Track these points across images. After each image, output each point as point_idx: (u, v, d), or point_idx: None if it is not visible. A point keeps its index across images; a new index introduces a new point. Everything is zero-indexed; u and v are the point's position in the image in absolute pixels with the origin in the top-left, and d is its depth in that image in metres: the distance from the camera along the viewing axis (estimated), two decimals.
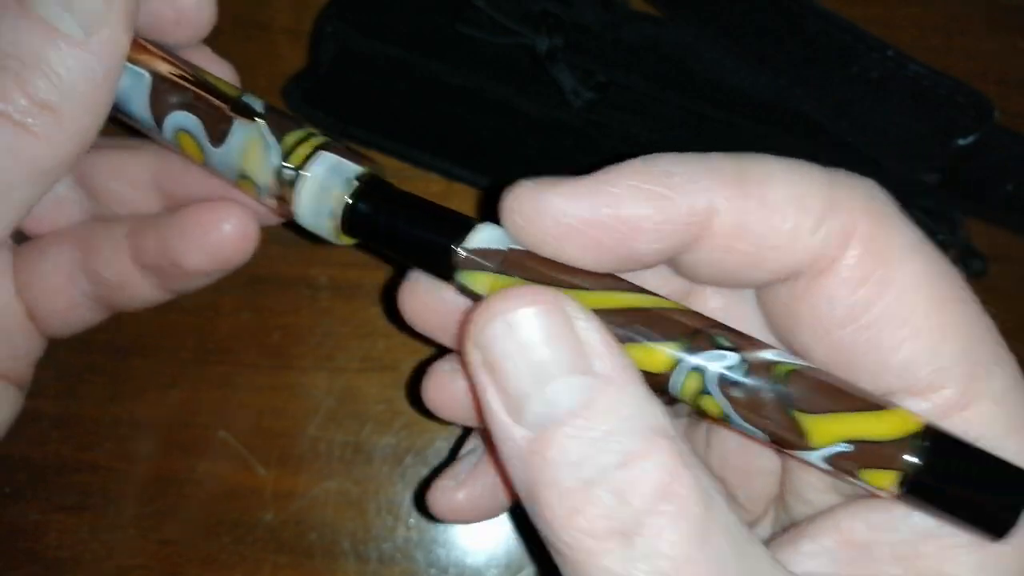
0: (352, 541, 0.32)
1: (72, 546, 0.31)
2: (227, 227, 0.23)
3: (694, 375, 0.19)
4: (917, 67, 0.33)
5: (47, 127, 0.19)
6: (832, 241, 0.19)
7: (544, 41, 0.32)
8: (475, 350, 0.18)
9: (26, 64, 0.19)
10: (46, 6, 0.19)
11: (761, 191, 0.19)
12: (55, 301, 0.25)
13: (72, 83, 0.20)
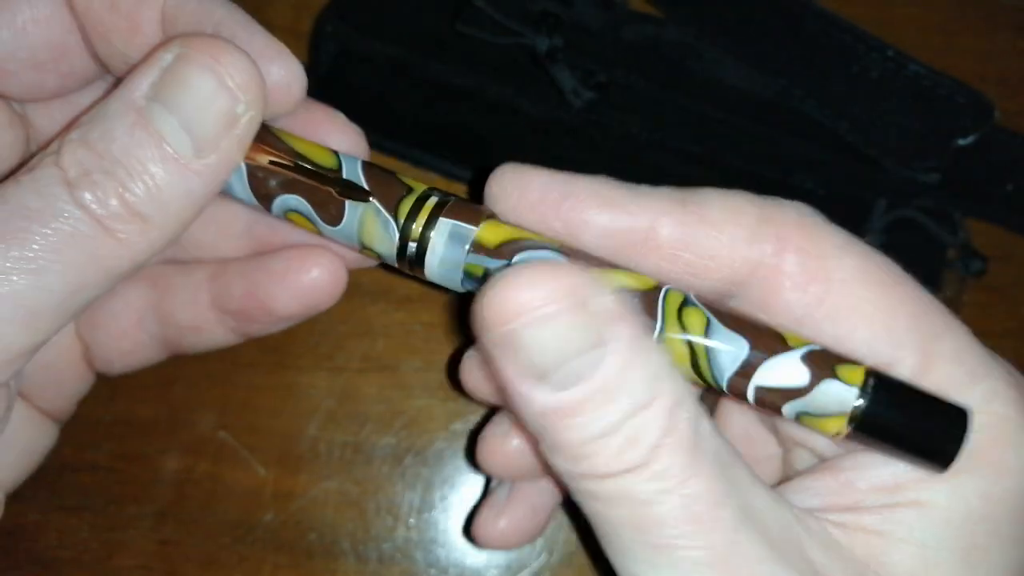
0: (352, 541, 0.32)
1: (72, 546, 0.32)
2: (317, 272, 0.23)
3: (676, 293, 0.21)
4: (917, 67, 0.33)
5: (132, 235, 0.19)
6: (768, 250, 0.21)
7: (544, 41, 0.32)
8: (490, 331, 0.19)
9: (131, 173, 0.19)
10: (166, 122, 0.19)
11: (700, 209, 0.22)
12: (121, 342, 0.26)
13: (169, 198, 0.19)
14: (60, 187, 0.19)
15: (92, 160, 0.19)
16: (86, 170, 0.19)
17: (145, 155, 0.19)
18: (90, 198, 0.19)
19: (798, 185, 0.33)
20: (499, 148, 0.33)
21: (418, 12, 0.34)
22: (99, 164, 0.19)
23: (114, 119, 0.19)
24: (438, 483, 0.32)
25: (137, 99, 0.19)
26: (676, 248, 0.22)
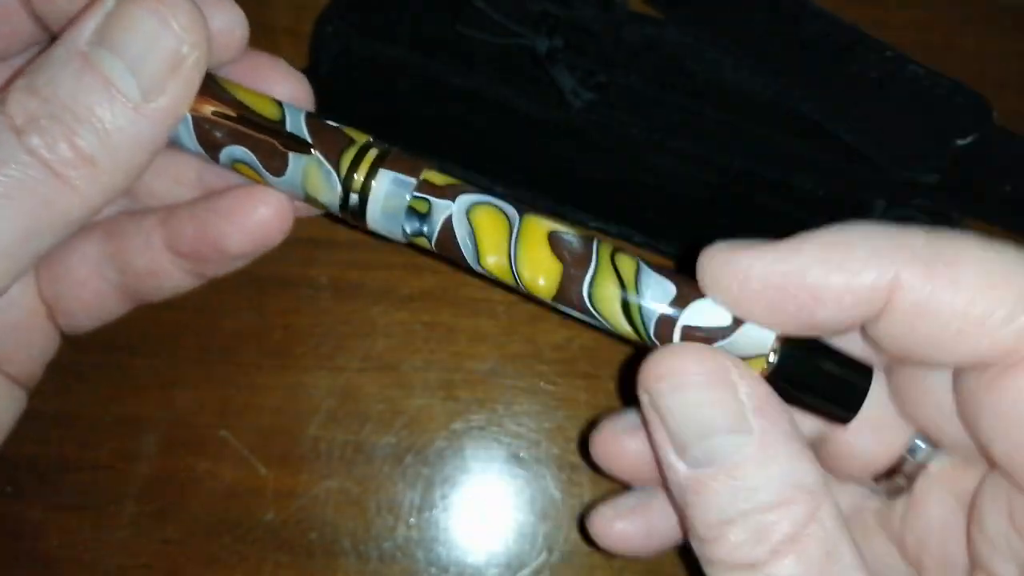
0: (352, 540, 0.32)
1: (73, 545, 0.32)
2: (264, 209, 0.23)
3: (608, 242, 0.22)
4: (916, 68, 0.33)
5: (83, 180, 0.19)
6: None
7: (544, 42, 0.32)
8: (645, 394, 0.21)
9: (79, 117, 0.19)
10: (111, 65, 0.19)
11: (950, 272, 0.19)
12: (81, 293, 0.25)
13: (119, 142, 0.19)
14: (7, 133, 0.19)
15: (39, 106, 0.19)
16: (32, 116, 0.19)
17: (92, 99, 0.19)
18: (38, 143, 0.19)
19: (797, 185, 0.33)
20: (499, 148, 0.33)
21: (418, 13, 0.34)
22: (46, 109, 0.19)
23: (59, 65, 0.19)
24: (438, 482, 0.32)
25: (82, 44, 0.19)
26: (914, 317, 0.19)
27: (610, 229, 0.33)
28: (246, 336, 0.33)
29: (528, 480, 0.32)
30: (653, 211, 0.33)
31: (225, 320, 0.33)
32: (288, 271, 0.33)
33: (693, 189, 0.33)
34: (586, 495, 0.32)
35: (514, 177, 0.33)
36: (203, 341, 0.33)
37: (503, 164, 0.33)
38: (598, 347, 0.33)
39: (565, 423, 0.32)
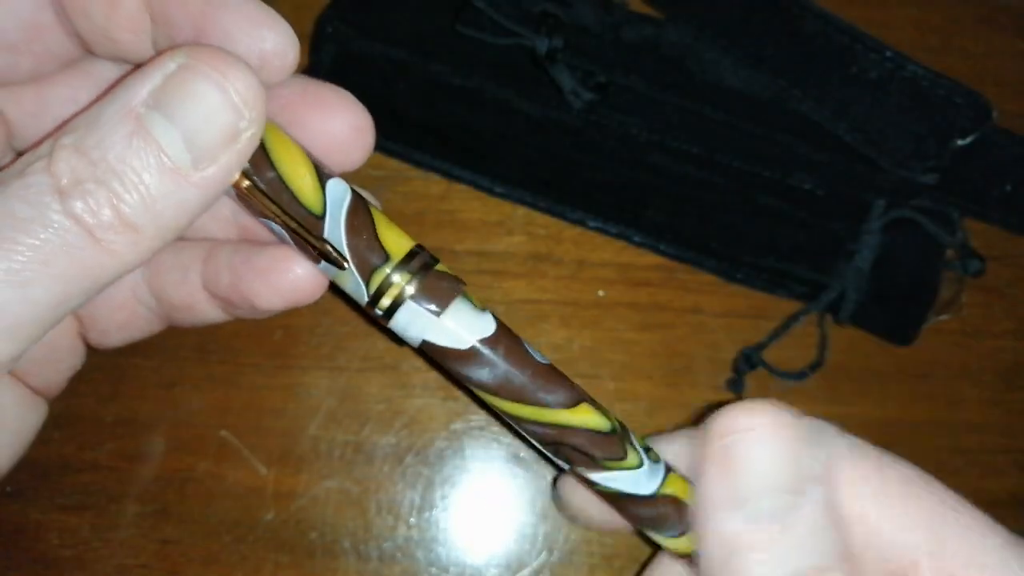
0: (353, 540, 0.32)
1: (74, 545, 0.32)
2: (300, 271, 0.23)
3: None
4: (915, 68, 0.33)
5: (122, 245, 0.19)
6: None
7: (544, 42, 0.32)
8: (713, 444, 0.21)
9: (125, 183, 0.18)
10: (165, 132, 0.19)
11: None
12: (117, 316, 0.25)
13: (163, 209, 0.19)
14: (51, 196, 0.18)
15: (86, 168, 0.18)
16: (79, 178, 0.18)
17: (141, 165, 0.19)
18: (82, 207, 0.18)
19: (797, 185, 0.33)
20: (499, 148, 0.33)
21: (418, 13, 0.34)
22: (92, 173, 0.18)
23: (111, 125, 0.19)
24: (439, 482, 0.32)
25: (136, 106, 0.19)
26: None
27: (609, 229, 0.33)
28: (246, 336, 0.33)
29: (528, 480, 0.32)
30: (653, 211, 0.33)
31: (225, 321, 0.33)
32: None
33: (693, 189, 0.33)
34: None
35: (514, 177, 0.33)
36: (204, 342, 0.33)
37: (503, 164, 0.33)
38: (598, 347, 0.33)
39: None
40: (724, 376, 0.33)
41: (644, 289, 0.34)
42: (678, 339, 0.33)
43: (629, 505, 0.23)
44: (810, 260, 0.33)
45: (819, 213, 0.33)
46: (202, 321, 0.26)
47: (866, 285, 0.33)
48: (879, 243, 0.33)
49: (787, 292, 0.33)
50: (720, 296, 0.34)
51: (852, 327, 0.33)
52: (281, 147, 0.21)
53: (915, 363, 0.33)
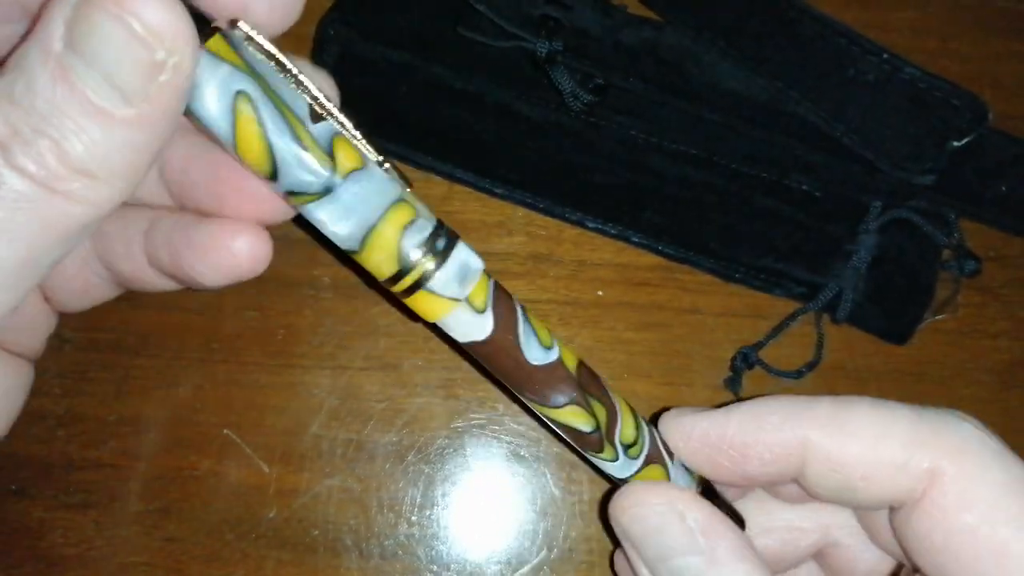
0: (354, 538, 0.32)
1: (77, 544, 0.32)
2: (240, 245, 0.23)
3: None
4: (912, 70, 0.33)
5: (81, 191, 0.18)
6: (918, 477, 0.22)
7: (544, 45, 0.32)
8: (617, 525, 0.25)
9: (62, 129, 0.17)
10: (86, 75, 0.17)
11: (847, 429, 0.23)
12: (71, 283, 0.26)
13: (108, 151, 0.18)
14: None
15: (18, 116, 0.17)
16: (15, 129, 0.17)
17: (71, 109, 0.17)
18: (24, 160, 0.17)
19: (795, 186, 0.33)
20: (499, 150, 0.34)
21: (420, 16, 0.34)
22: (28, 121, 0.17)
23: (35, 68, 0.18)
24: (440, 480, 0.32)
25: (54, 45, 0.18)
26: (827, 466, 0.23)
27: (609, 230, 0.33)
28: (249, 336, 0.33)
29: (528, 478, 0.33)
30: (652, 212, 0.33)
31: (228, 320, 0.33)
32: (290, 271, 0.33)
33: (691, 190, 0.33)
34: (585, 493, 0.32)
35: (514, 179, 0.33)
36: (206, 341, 0.33)
37: (503, 166, 0.33)
38: (597, 347, 0.33)
39: None
40: (722, 375, 0.33)
41: (643, 289, 0.34)
42: (677, 339, 0.34)
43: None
44: (808, 260, 0.33)
45: (817, 214, 0.33)
46: (155, 289, 0.25)
47: (863, 285, 0.33)
48: (876, 243, 0.33)
49: (785, 292, 0.33)
50: (718, 296, 0.34)
51: (849, 327, 0.33)
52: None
53: (911, 363, 0.34)
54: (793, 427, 0.24)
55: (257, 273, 0.24)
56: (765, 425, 0.24)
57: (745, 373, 0.33)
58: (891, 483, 0.23)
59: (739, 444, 0.25)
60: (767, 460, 0.24)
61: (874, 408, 0.23)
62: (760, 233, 0.33)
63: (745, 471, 0.25)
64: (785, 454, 0.24)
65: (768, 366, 0.33)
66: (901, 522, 0.23)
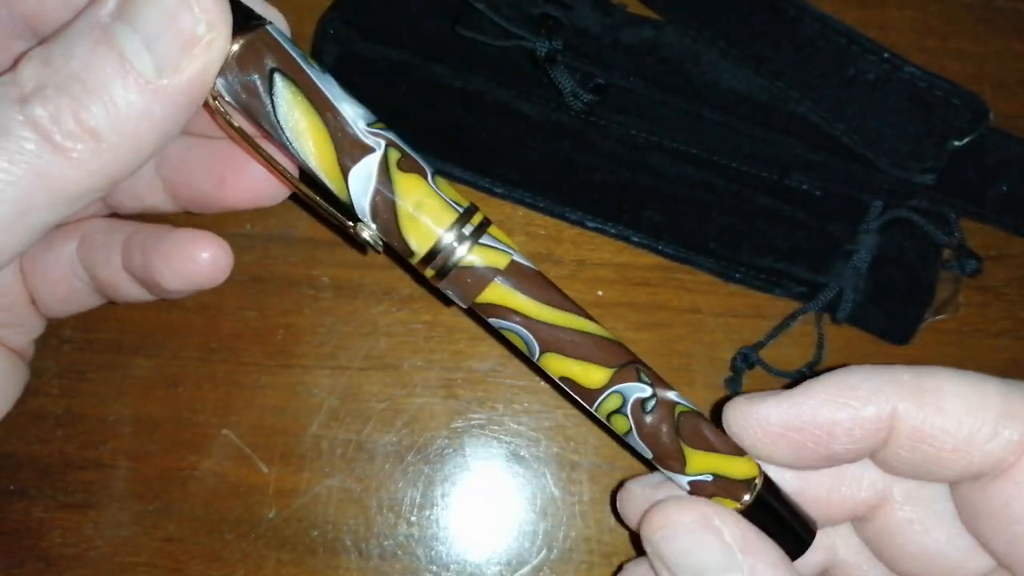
0: (354, 538, 0.32)
1: (76, 543, 0.32)
2: (204, 256, 0.24)
3: (616, 396, 0.24)
4: (913, 69, 0.33)
5: (85, 154, 0.19)
6: (1010, 448, 0.22)
7: (544, 44, 0.32)
8: (648, 546, 0.25)
9: (88, 89, 0.18)
10: (127, 39, 0.19)
11: (936, 401, 0.23)
12: (56, 289, 0.26)
13: (127, 118, 0.19)
14: (11, 102, 0.18)
15: (49, 75, 0.18)
16: (40, 85, 0.18)
17: (104, 71, 0.18)
18: (41, 113, 0.18)
19: (795, 186, 0.33)
20: (499, 150, 0.34)
21: (419, 15, 0.34)
22: (55, 80, 0.18)
23: (77, 36, 0.19)
24: (439, 480, 0.32)
25: (103, 16, 0.19)
26: (914, 441, 0.23)
27: (609, 229, 0.33)
28: (248, 336, 0.33)
29: (528, 478, 0.33)
30: (652, 211, 0.33)
31: (227, 320, 0.33)
32: (290, 271, 0.33)
33: (692, 190, 0.33)
34: (585, 493, 0.32)
35: (514, 178, 0.33)
36: (205, 341, 0.33)
37: (503, 165, 0.33)
38: None
39: (564, 422, 0.33)
40: (722, 375, 0.33)
41: (643, 289, 0.34)
42: (677, 338, 0.33)
43: None
44: (808, 260, 0.33)
45: (817, 213, 0.33)
46: (127, 299, 0.26)
47: (863, 285, 0.33)
48: (876, 243, 0.33)
49: (785, 292, 0.33)
50: (718, 296, 0.34)
51: (849, 327, 0.33)
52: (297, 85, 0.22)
53: (912, 362, 0.33)
54: (881, 399, 0.23)
55: (216, 283, 0.25)
56: (853, 400, 0.23)
57: (745, 373, 0.33)
58: (981, 455, 0.22)
59: (826, 423, 0.23)
60: (856, 437, 0.23)
61: (963, 379, 0.23)
62: (760, 233, 0.33)
63: (832, 450, 0.24)
64: (874, 429, 0.23)
65: (768, 366, 0.33)
66: (972, 493, 0.23)
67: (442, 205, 0.22)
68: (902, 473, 0.25)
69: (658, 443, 0.24)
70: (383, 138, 0.22)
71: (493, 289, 0.23)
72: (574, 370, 0.24)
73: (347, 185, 0.22)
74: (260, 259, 0.33)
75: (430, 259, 0.23)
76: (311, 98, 0.21)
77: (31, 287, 0.26)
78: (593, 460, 0.32)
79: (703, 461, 0.24)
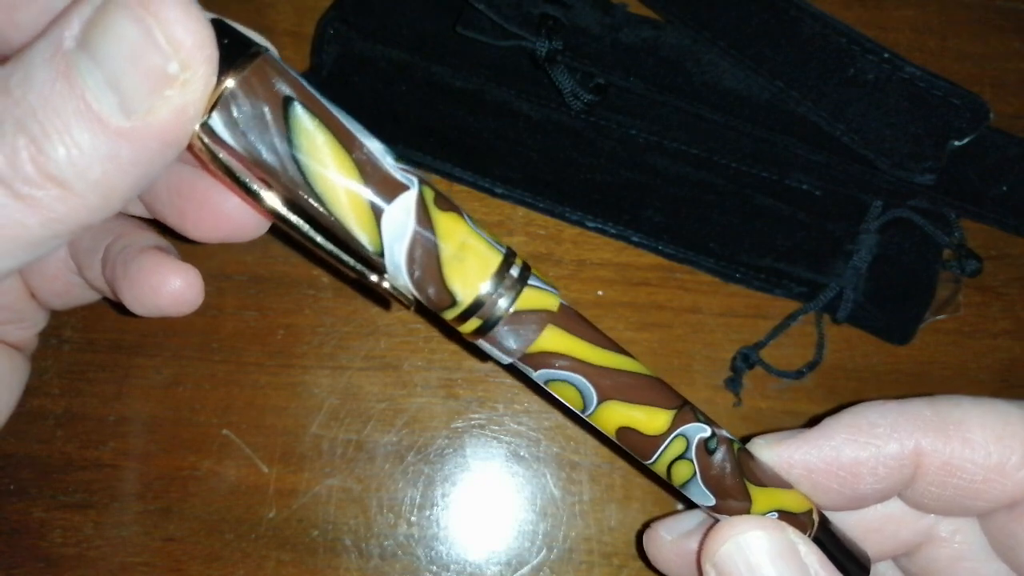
0: (354, 538, 0.32)
1: (76, 543, 0.32)
2: (168, 288, 0.23)
3: (680, 440, 0.22)
4: (913, 69, 0.33)
5: (48, 200, 0.17)
6: None
7: (544, 44, 0.32)
8: (710, 566, 0.23)
9: (47, 131, 0.16)
10: (91, 75, 0.16)
11: (961, 432, 0.22)
12: (52, 283, 0.26)
13: (91, 162, 0.16)
14: None
15: (6, 106, 0.16)
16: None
17: (66, 109, 0.16)
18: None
19: (795, 186, 0.33)
20: (499, 150, 0.34)
21: (419, 15, 0.34)
22: (13, 112, 0.16)
23: (38, 64, 0.16)
24: (439, 480, 0.32)
25: (66, 40, 0.16)
26: (943, 475, 0.22)
27: (609, 229, 0.33)
28: (248, 336, 0.33)
29: (528, 478, 0.33)
30: (652, 211, 0.33)
31: (227, 320, 0.33)
32: (290, 271, 0.33)
33: (692, 190, 0.33)
34: (585, 493, 0.32)
35: (514, 178, 0.33)
36: (206, 341, 0.33)
37: (503, 165, 0.33)
38: None
39: (564, 422, 0.33)
40: (722, 375, 0.33)
41: (643, 289, 0.34)
42: (677, 338, 0.33)
43: None
44: (808, 260, 0.33)
45: (817, 213, 0.33)
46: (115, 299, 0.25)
47: (864, 285, 0.33)
48: (876, 243, 0.33)
49: (785, 292, 0.33)
50: (718, 296, 0.34)
51: (850, 327, 0.33)
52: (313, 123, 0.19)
53: (912, 363, 0.34)
54: (903, 436, 0.22)
55: (183, 313, 0.23)
56: (874, 438, 0.23)
57: (745, 373, 0.33)
58: (1013, 483, 0.22)
59: (849, 463, 0.23)
60: (881, 476, 0.23)
61: (985, 408, 0.22)
62: (760, 233, 0.33)
63: (856, 491, 0.23)
64: (899, 466, 0.23)
65: (768, 366, 0.33)
66: (1011, 524, 0.23)
67: (486, 246, 0.20)
68: (934, 510, 0.24)
69: (722, 485, 0.23)
70: (413, 174, 0.20)
71: (548, 335, 0.21)
72: (637, 417, 0.22)
73: (379, 229, 0.19)
74: (260, 259, 0.34)
75: (476, 309, 0.20)
76: (333, 131, 0.18)
77: (29, 282, 0.26)
78: (593, 460, 0.32)
79: (768, 498, 0.23)
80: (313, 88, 0.19)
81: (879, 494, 0.23)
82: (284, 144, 0.18)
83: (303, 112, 0.18)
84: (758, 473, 0.23)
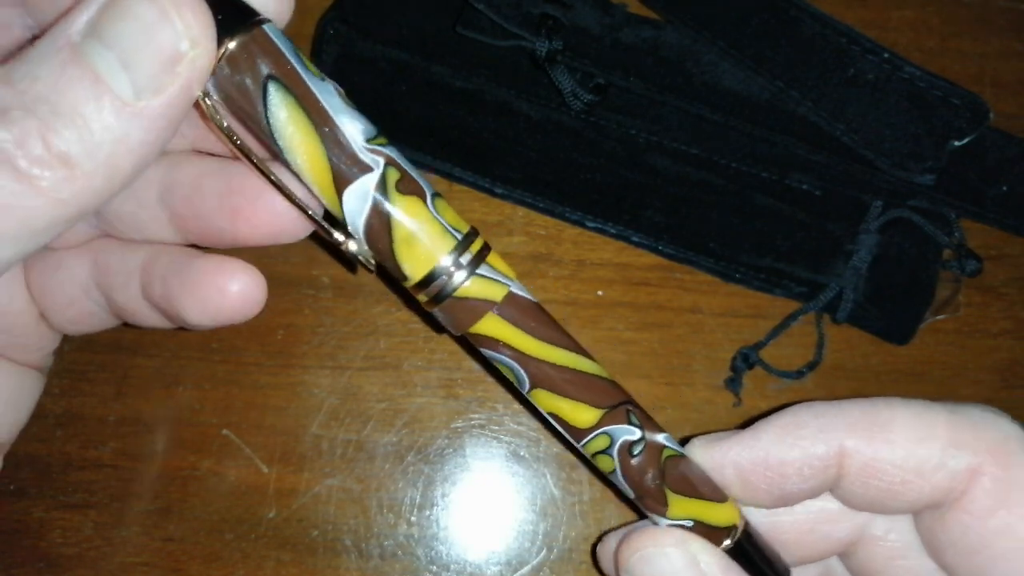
0: (354, 538, 0.32)
1: (76, 543, 0.32)
2: (234, 288, 0.22)
3: (604, 437, 0.24)
4: (913, 69, 0.33)
5: (56, 183, 0.17)
6: (958, 477, 0.22)
7: (544, 44, 0.32)
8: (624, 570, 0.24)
9: (58, 112, 0.17)
10: (101, 57, 0.17)
11: (885, 434, 0.22)
12: (69, 309, 0.25)
13: (102, 142, 0.17)
14: None
15: (12, 96, 0.17)
16: (3, 106, 0.17)
17: (76, 93, 0.17)
18: (4, 136, 0.16)
19: (795, 186, 0.33)
20: (499, 150, 0.34)
21: (419, 15, 0.34)
22: (19, 100, 0.17)
23: (43, 57, 0.17)
24: (439, 480, 0.32)
25: (72, 34, 0.17)
26: (865, 476, 0.23)
27: (609, 229, 0.33)
28: (248, 336, 0.33)
29: (528, 478, 0.33)
30: (652, 211, 0.33)
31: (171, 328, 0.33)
32: (290, 271, 0.33)
33: (692, 190, 0.33)
34: (585, 493, 0.32)
35: (514, 178, 0.33)
36: (206, 341, 0.33)
37: (503, 165, 0.33)
38: (597, 347, 0.33)
39: None
40: (722, 375, 0.33)
41: (643, 289, 0.34)
42: (677, 339, 0.33)
43: None
44: (808, 260, 0.33)
45: (817, 213, 0.33)
46: (149, 325, 0.25)
47: (863, 285, 0.33)
48: (876, 243, 0.33)
49: (785, 292, 0.33)
50: (718, 296, 0.34)
51: (849, 327, 0.33)
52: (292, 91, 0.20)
53: (912, 363, 0.34)
54: (829, 437, 0.23)
55: (248, 317, 0.23)
56: (800, 439, 0.23)
57: (745, 373, 0.33)
58: (930, 486, 0.22)
59: (775, 463, 0.24)
60: (806, 475, 0.23)
61: (909, 410, 0.23)
62: (760, 233, 0.33)
63: (783, 490, 0.24)
64: (823, 466, 0.23)
65: (768, 366, 0.33)
66: (933, 524, 0.23)
67: (440, 231, 0.22)
68: (862, 508, 0.25)
69: (642, 486, 0.24)
70: (382, 156, 0.21)
71: (487, 322, 0.23)
72: (563, 408, 0.24)
73: (341, 204, 0.21)
74: (260, 259, 0.33)
75: (424, 286, 0.22)
76: (307, 109, 0.20)
77: (42, 308, 0.25)
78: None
79: (685, 507, 0.24)
80: (300, 64, 0.20)
81: (806, 493, 0.24)
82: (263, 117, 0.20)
83: (278, 92, 0.20)
84: (688, 482, 0.24)
